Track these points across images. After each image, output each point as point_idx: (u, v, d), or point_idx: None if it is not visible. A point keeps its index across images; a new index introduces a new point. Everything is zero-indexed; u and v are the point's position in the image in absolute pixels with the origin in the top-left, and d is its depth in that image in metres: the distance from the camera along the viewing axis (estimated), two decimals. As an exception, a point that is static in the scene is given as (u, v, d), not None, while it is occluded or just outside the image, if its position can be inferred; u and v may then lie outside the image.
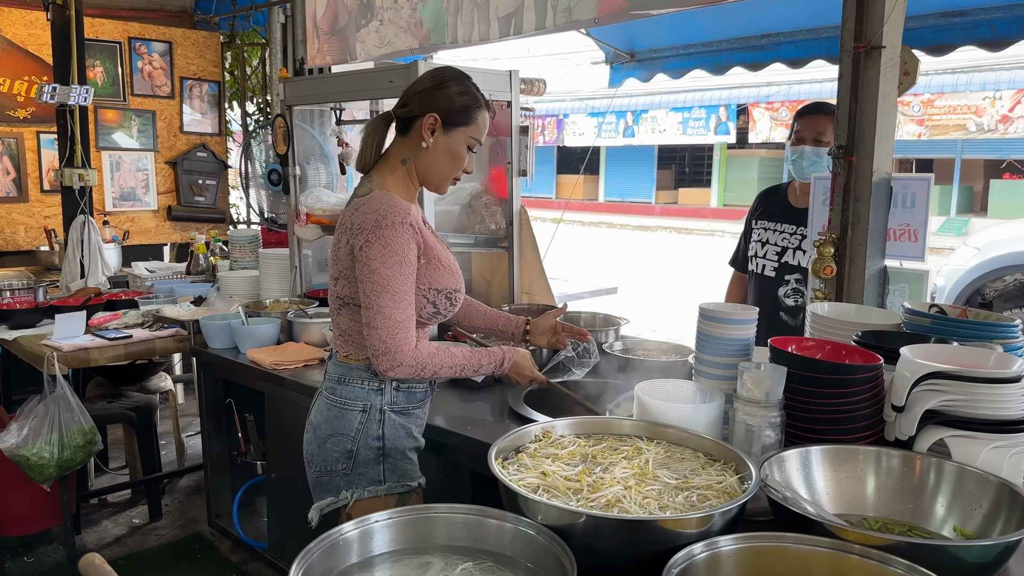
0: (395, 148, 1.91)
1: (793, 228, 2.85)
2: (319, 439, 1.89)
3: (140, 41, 5.37)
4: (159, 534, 3.67)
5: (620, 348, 2.66)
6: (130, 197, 5.40)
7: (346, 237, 1.81)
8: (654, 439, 1.51)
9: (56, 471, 2.89)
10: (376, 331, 1.74)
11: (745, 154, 22.81)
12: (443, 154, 1.87)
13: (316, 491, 1.94)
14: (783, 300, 2.84)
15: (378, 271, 1.73)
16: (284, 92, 3.35)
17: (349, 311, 1.87)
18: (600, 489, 1.30)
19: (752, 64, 4.60)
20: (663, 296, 10.10)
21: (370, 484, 1.87)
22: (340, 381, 1.89)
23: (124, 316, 3.40)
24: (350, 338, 1.88)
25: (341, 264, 1.84)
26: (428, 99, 1.85)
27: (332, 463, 1.88)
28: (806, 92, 18.38)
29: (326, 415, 1.89)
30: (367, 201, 1.79)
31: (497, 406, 2.43)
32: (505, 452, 1.48)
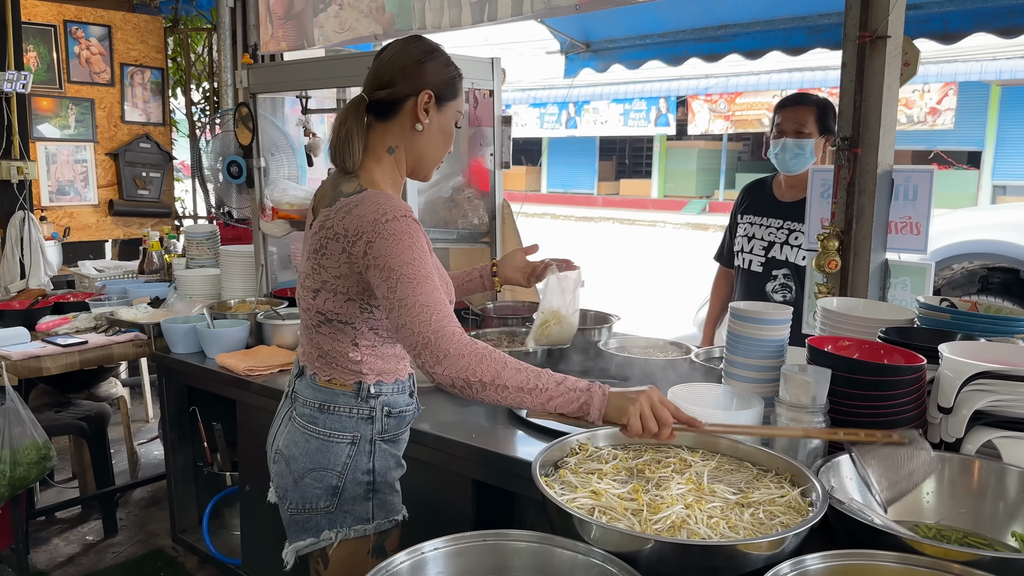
0: (376, 136, 1.65)
1: (780, 222, 2.81)
2: (295, 473, 1.64)
3: (76, 25, 5.03)
4: (116, 551, 3.43)
5: (616, 346, 2.58)
6: (68, 191, 5.06)
7: (339, 244, 1.53)
8: (698, 449, 1.42)
9: (8, 490, 2.66)
10: (406, 327, 1.45)
11: (684, 145, 23.12)
12: (438, 134, 1.67)
13: (291, 529, 1.70)
14: (771, 296, 2.81)
15: (389, 265, 1.47)
16: (247, 79, 3.15)
17: (331, 329, 1.60)
18: (660, 509, 1.21)
19: (708, 55, 4.58)
20: (630, 289, 10.10)
21: (356, 523, 1.66)
22: (323, 409, 1.64)
23: (75, 320, 3.16)
24: (333, 360, 1.63)
25: (326, 274, 1.57)
26: (417, 75, 1.61)
27: (312, 501, 1.64)
28: (744, 84, 18.74)
29: (304, 447, 1.63)
30: (360, 201, 1.53)
31: (495, 410, 2.31)
32: (544, 468, 1.38)
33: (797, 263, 2.73)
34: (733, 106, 19.78)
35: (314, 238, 1.59)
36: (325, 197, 1.64)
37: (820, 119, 2.71)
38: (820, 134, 2.71)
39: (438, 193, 3.04)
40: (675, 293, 9.92)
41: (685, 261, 13.15)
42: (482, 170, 3.12)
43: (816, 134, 2.70)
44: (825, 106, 2.75)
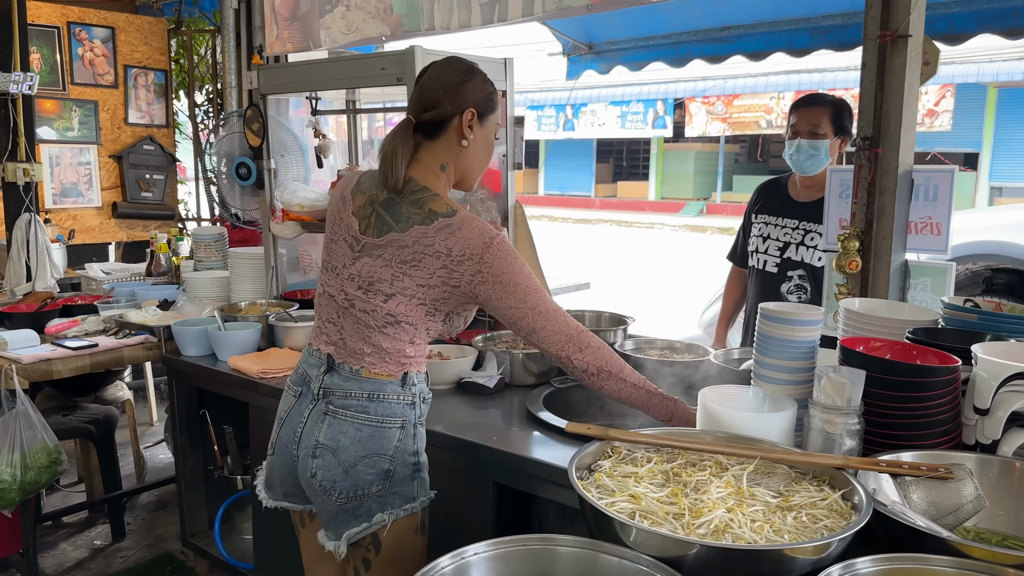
0: (426, 155, 1.76)
1: (795, 223, 2.79)
2: (344, 463, 1.71)
3: (80, 26, 5.00)
4: (124, 556, 3.41)
5: (632, 348, 2.56)
6: (72, 193, 5.03)
7: (439, 261, 1.67)
8: (733, 451, 1.40)
9: (19, 495, 2.63)
10: (545, 329, 1.70)
11: (681, 148, 23.15)
12: (481, 147, 1.81)
13: (339, 519, 1.74)
14: (786, 296, 2.79)
15: (514, 281, 1.68)
16: (257, 80, 3.13)
17: (396, 329, 1.73)
18: (702, 513, 1.19)
19: (712, 57, 4.58)
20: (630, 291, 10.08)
21: (405, 502, 1.77)
22: (372, 398, 1.73)
23: (83, 323, 3.13)
24: (389, 356, 1.74)
25: (410, 282, 1.69)
26: (460, 94, 1.74)
27: (364, 487, 1.72)
28: (741, 86, 18.77)
29: (355, 436, 1.72)
30: (461, 225, 1.68)
31: (511, 411, 2.30)
32: (578, 472, 1.36)
33: (813, 264, 2.71)
34: (730, 108, 19.80)
35: (403, 251, 1.69)
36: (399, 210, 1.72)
37: (835, 119, 2.69)
38: (835, 135, 2.70)
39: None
40: (676, 295, 9.91)
41: (684, 263, 13.16)
42: (494, 171, 3.10)
43: (831, 135, 2.69)
44: (841, 106, 2.74)
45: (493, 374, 2.45)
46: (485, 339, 2.67)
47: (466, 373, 2.47)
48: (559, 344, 1.71)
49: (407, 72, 2.63)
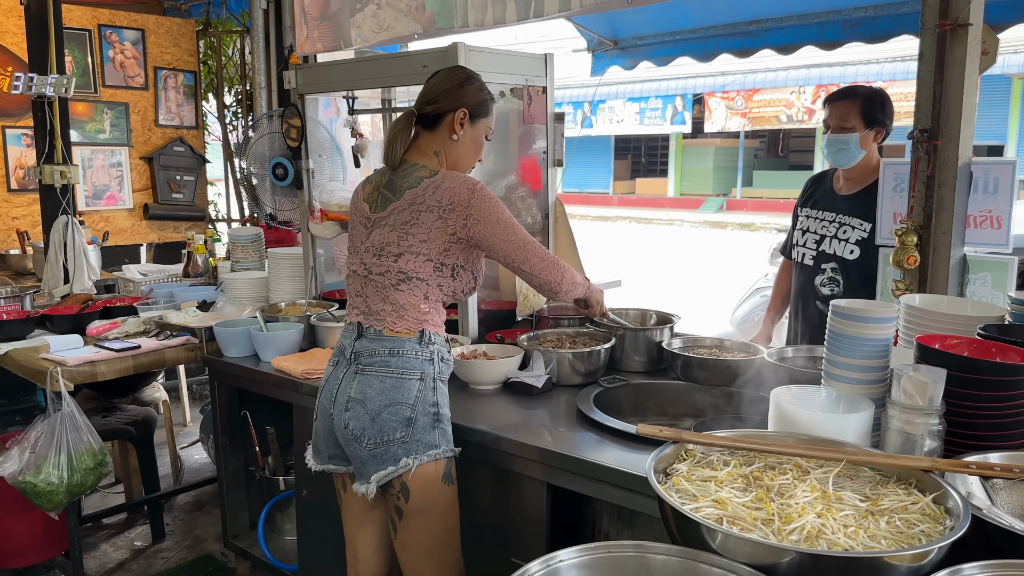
0: (424, 142, 2.06)
1: (833, 216, 2.77)
2: (371, 412, 1.91)
3: (111, 29, 5.02)
4: (165, 557, 3.41)
5: (679, 346, 2.52)
6: (104, 195, 5.05)
7: (433, 215, 1.94)
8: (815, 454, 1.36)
9: (67, 497, 2.63)
10: (535, 257, 2.01)
11: (700, 143, 23.01)
12: (470, 144, 2.08)
13: (370, 464, 1.93)
14: (819, 289, 2.77)
15: (500, 218, 1.97)
16: (295, 80, 3.12)
17: (409, 285, 1.97)
18: (792, 518, 1.16)
19: (740, 51, 4.52)
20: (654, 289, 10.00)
21: (427, 449, 1.94)
22: (392, 354, 1.95)
23: (124, 324, 3.13)
24: (405, 312, 1.97)
25: (413, 239, 1.95)
26: (456, 96, 2.02)
27: (389, 432, 1.91)
28: (761, 81, 18.62)
29: (380, 387, 1.93)
30: (444, 179, 1.97)
31: (561, 412, 2.27)
32: (655, 476, 1.32)
33: (844, 257, 2.69)
34: (750, 103, 19.64)
35: (402, 214, 1.97)
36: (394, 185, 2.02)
37: (865, 112, 2.66)
38: (866, 127, 2.66)
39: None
40: (703, 292, 9.84)
41: (707, 260, 13.07)
42: (534, 168, 3.07)
43: (861, 128, 2.66)
44: (872, 98, 2.70)
45: (540, 373, 2.42)
46: (530, 338, 2.64)
47: (513, 373, 2.44)
48: (547, 276, 2.03)
49: (450, 69, 2.60)
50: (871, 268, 2.53)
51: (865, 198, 2.63)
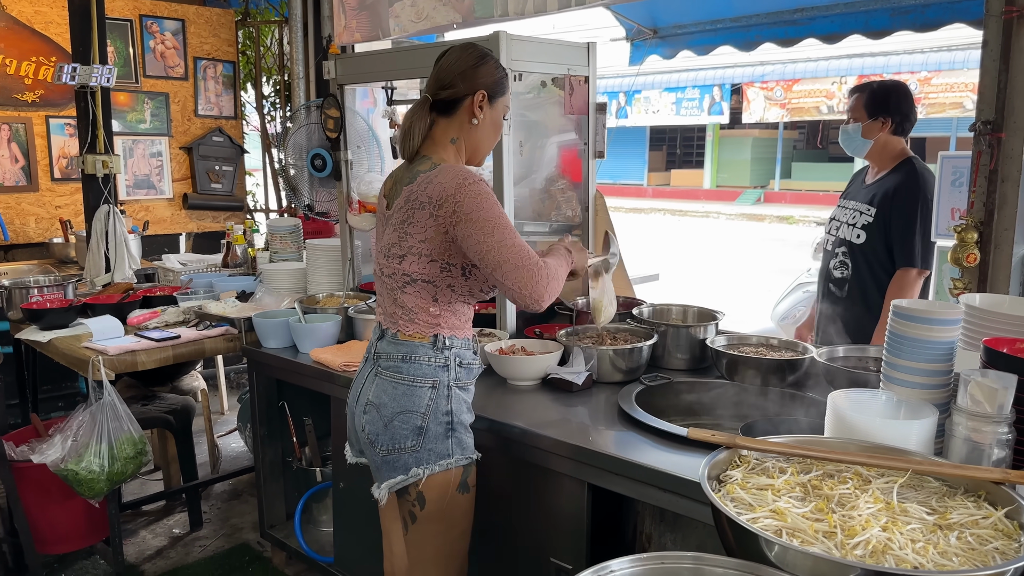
0: (439, 130, 1.93)
1: (854, 204, 2.89)
2: (384, 418, 1.88)
3: (152, 19, 5.06)
4: (202, 545, 3.44)
5: (724, 344, 2.46)
6: (144, 185, 5.10)
7: (425, 212, 1.82)
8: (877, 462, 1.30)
9: (107, 485, 2.66)
10: (508, 263, 1.75)
11: (738, 134, 22.67)
12: (489, 127, 1.96)
13: (382, 470, 1.91)
14: (832, 272, 2.91)
15: (481, 216, 1.77)
16: (335, 70, 3.10)
17: (415, 288, 1.88)
18: (855, 532, 1.10)
19: (783, 40, 4.41)
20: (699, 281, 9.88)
21: (439, 459, 1.89)
22: (405, 360, 1.89)
23: (164, 314, 3.15)
24: (415, 316, 1.89)
25: (412, 240, 1.85)
26: (473, 77, 1.89)
27: (400, 440, 1.87)
28: (801, 71, 18.26)
29: (392, 394, 1.88)
30: (438, 173, 1.83)
31: (601, 410, 2.22)
32: (708, 483, 1.27)
33: (852, 241, 2.82)
34: (790, 93, 19.26)
35: (400, 212, 1.88)
36: (401, 180, 1.94)
37: (868, 103, 2.81)
38: (869, 117, 2.80)
39: (531, 185, 2.94)
40: (742, 286, 9.70)
41: (745, 254, 12.89)
42: (575, 160, 3.02)
43: (864, 118, 2.81)
44: (876, 91, 2.84)
45: (580, 370, 2.37)
46: (569, 334, 2.59)
47: (552, 369, 2.39)
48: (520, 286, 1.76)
49: (491, 59, 2.55)
50: (877, 252, 2.73)
51: (880, 185, 2.79)
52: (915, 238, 2.66)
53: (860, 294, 2.79)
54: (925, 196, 2.65)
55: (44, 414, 3.86)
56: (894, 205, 2.70)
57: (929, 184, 2.66)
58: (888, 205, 2.72)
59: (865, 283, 2.77)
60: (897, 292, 2.68)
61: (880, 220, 2.74)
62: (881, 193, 2.77)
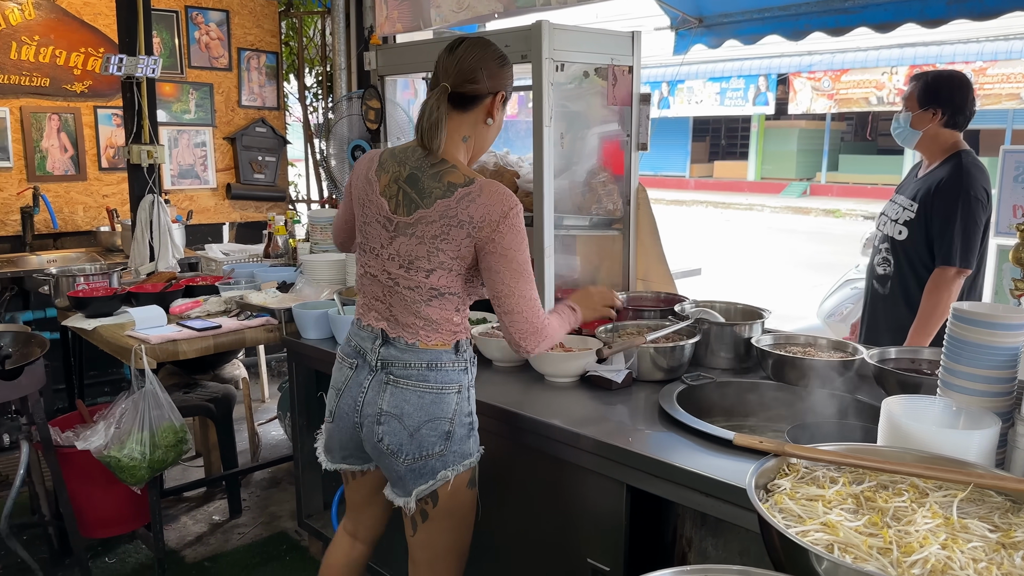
0: (453, 125, 1.85)
1: (902, 199, 2.81)
2: (409, 428, 1.85)
3: (196, 10, 5.10)
4: (241, 532, 3.47)
5: (770, 343, 2.39)
6: (189, 175, 5.17)
7: (464, 231, 1.78)
8: (935, 475, 1.23)
9: (148, 472, 2.69)
10: (521, 315, 1.81)
11: (784, 125, 22.23)
12: (497, 129, 1.92)
13: (407, 478, 1.89)
14: (875, 268, 2.85)
15: (516, 259, 1.79)
16: (375, 61, 3.08)
17: (441, 301, 1.85)
18: (912, 549, 1.04)
19: (834, 29, 4.26)
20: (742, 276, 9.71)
21: (463, 459, 1.90)
22: (431, 367, 1.86)
23: (205, 303, 3.18)
24: (439, 326, 1.87)
25: (443, 256, 1.81)
26: (498, 76, 1.83)
27: (428, 447, 1.86)
28: (850, 61, 17.82)
29: (418, 403, 1.85)
30: (481, 191, 1.78)
31: (641, 409, 2.17)
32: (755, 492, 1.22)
33: (894, 237, 2.75)
34: (838, 84, 18.81)
35: (434, 225, 1.79)
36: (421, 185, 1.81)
37: (920, 93, 2.72)
38: (920, 107, 2.71)
39: (571, 177, 2.90)
40: (786, 281, 9.53)
41: (790, 248, 12.65)
42: (617, 152, 2.97)
43: (915, 108, 2.72)
44: (930, 81, 2.75)
45: (620, 368, 2.32)
46: (609, 331, 2.55)
47: (591, 367, 2.35)
48: (522, 335, 1.83)
49: (533, 49, 2.52)
50: (918, 249, 2.66)
51: (925, 180, 2.72)
52: (955, 235, 2.56)
53: (902, 292, 2.71)
54: (969, 192, 2.55)
55: (90, 399, 3.93)
56: (935, 200, 2.62)
57: (976, 180, 2.57)
58: (930, 200, 2.64)
59: (907, 281, 2.69)
60: (934, 291, 2.59)
61: (922, 216, 2.66)
62: (925, 188, 2.68)
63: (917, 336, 2.57)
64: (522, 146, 3.62)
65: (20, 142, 4.62)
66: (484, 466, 2.11)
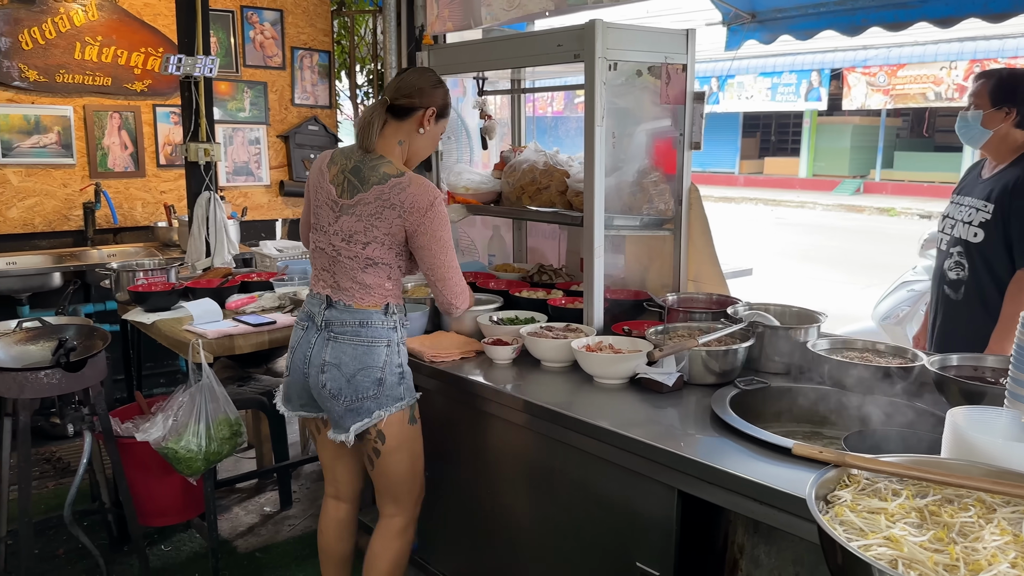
0: (390, 130, 2.28)
1: (969, 200, 2.71)
2: (346, 375, 2.23)
3: (251, 10, 5.20)
4: (292, 524, 3.54)
5: (826, 348, 2.34)
6: (243, 172, 5.27)
7: (395, 213, 2.19)
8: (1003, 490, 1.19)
9: (204, 464, 2.76)
10: (452, 280, 2.27)
11: (837, 121, 21.76)
12: (430, 139, 2.35)
13: (345, 417, 2.26)
14: (947, 273, 2.73)
15: (443, 237, 2.23)
16: (428, 60, 3.10)
17: (375, 269, 2.25)
18: (980, 567, 1.01)
19: (892, 24, 4.13)
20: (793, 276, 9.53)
21: (395, 402, 2.28)
22: (362, 325, 2.25)
23: (260, 299, 3.24)
24: (372, 290, 2.25)
25: (378, 231, 2.21)
26: (429, 95, 2.28)
27: (363, 391, 2.23)
28: (907, 55, 17.33)
29: (352, 354, 2.23)
30: (410, 182, 2.20)
31: (692, 413, 2.15)
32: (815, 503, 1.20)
33: (969, 240, 2.64)
34: (894, 79, 18.31)
35: (369, 206, 2.21)
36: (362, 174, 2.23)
37: (993, 91, 2.62)
38: (992, 106, 2.61)
39: (622, 177, 2.87)
40: (837, 282, 9.33)
41: (843, 246, 12.37)
42: (669, 151, 2.93)
43: (987, 106, 2.62)
44: (1005, 79, 2.65)
45: (671, 371, 2.30)
46: (659, 333, 2.52)
47: (641, 369, 2.33)
48: (451, 296, 2.29)
49: (586, 48, 2.50)
50: (996, 252, 2.56)
51: (997, 180, 2.61)
52: None
53: (978, 297, 2.60)
54: None
55: (146, 390, 4.04)
56: (1014, 201, 2.52)
57: None
58: (1007, 201, 2.54)
59: (983, 285, 2.59)
60: (1017, 294, 2.49)
61: (999, 217, 2.55)
62: (1000, 188, 2.57)
63: (1000, 343, 2.47)
64: (572, 145, 3.61)
65: (83, 140, 4.77)
66: (529, 465, 2.11)
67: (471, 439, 2.55)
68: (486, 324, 2.72)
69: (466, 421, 2.55)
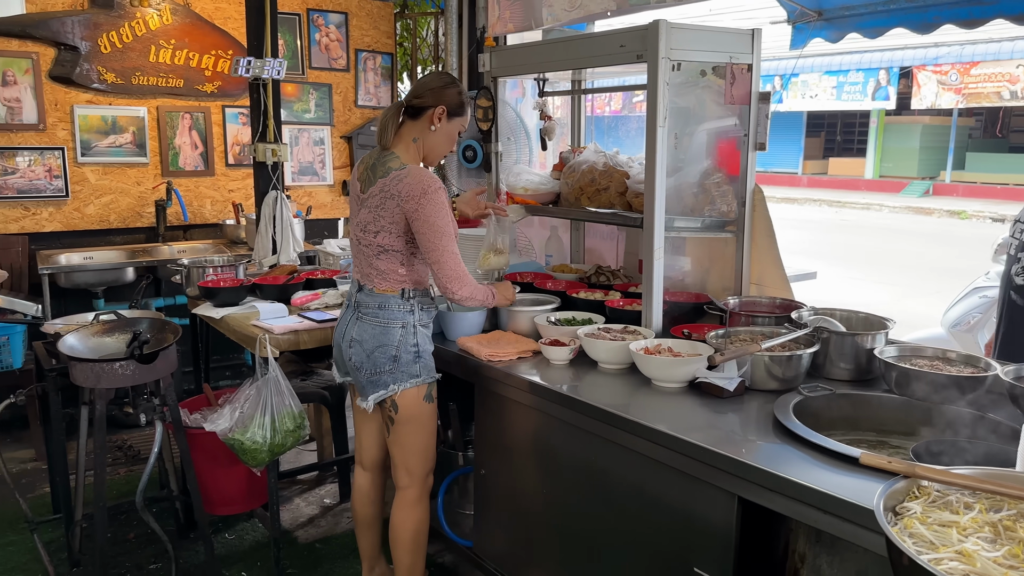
0: (407, 130, 2.49)
1: None
2: (367, 351, 2.48)
3: (317, 12, 5.32)
4: (350, 516, 3.58)
5: (894, 355, 2.28)
6: (308, 172, 5.39)
7: (395, 202, 2.39)
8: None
9: (268, 456, 2.83)
10: (446, 264, 2.41)
11: (906, 121, 21.08)
12: (443, 136, 2.50)
13: (366, 388, 2.52)
14: (1014, 279, 2.68)
15: (436, 223, 2.37)
16: (489, 63, 3.12)
17: (387, 256, 2.46)
18: (1059, 585, 0.98)
19: (967, 21, 3.98)
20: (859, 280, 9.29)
21: (410, 378, 2.49)
22: (381, 308, 2.48)
23: (324, 296, 3.31)
24: (387, 276, 2.47)
25: (384, 220, 2.42)
26: (439, 94, 2.45)
27: (380, 365, 2.47)
28: (981, 53, 16.70)
29: (372, 332, 2.48)
30: (408, 174, 2.39)
31: (753, 419, 2.12)
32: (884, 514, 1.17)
33: None
34: (967, 78, 17.66)
35: (375, 199, 2.44)
36: (376, 170, 2.47)
37: None
38: None
39: (684, 179, 2.84)
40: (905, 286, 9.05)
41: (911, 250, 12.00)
42: (732, 152, 2.89)
43: None
44: None
45: (733, 376, 2.27)
46: (720, 336, 2.49)
47: (701, 373, 2.30)
48: (448, 280, 2.42)
49: (649, 49, 2.49)
50: None
51: None
52: None
53: None
54: None
55: (213, 382, 4.17)
56: None
57: None
58: None
59: None
60: None
61: None
62: None
63: None
64: (632, 145, 3.59)
65: (156, 139, 4.95)
66: (585, 466, 2.10)
67: (527, 439, 2.56)
68: (543, 324, 2.73)
69: (521, 420, 2.57)
